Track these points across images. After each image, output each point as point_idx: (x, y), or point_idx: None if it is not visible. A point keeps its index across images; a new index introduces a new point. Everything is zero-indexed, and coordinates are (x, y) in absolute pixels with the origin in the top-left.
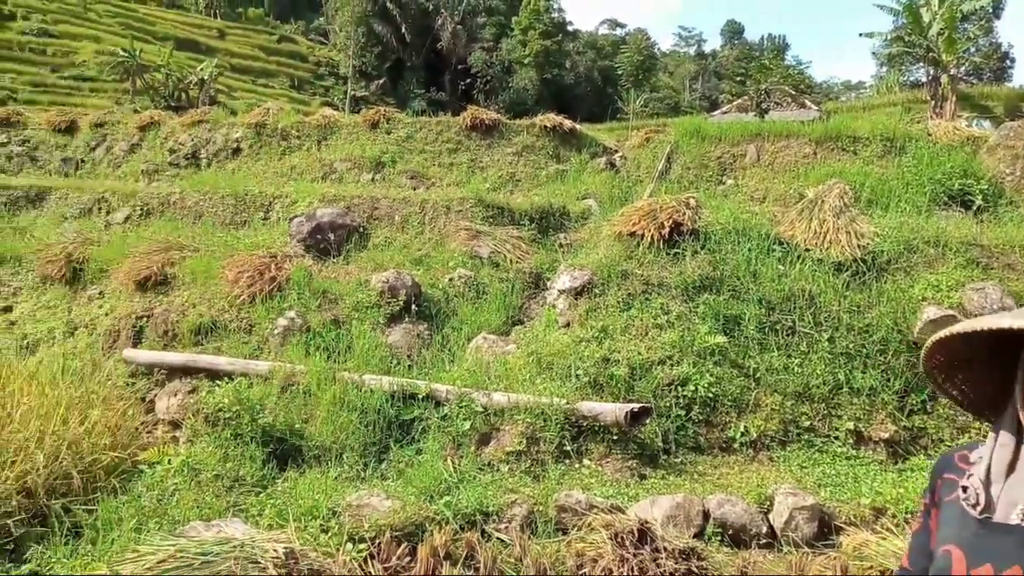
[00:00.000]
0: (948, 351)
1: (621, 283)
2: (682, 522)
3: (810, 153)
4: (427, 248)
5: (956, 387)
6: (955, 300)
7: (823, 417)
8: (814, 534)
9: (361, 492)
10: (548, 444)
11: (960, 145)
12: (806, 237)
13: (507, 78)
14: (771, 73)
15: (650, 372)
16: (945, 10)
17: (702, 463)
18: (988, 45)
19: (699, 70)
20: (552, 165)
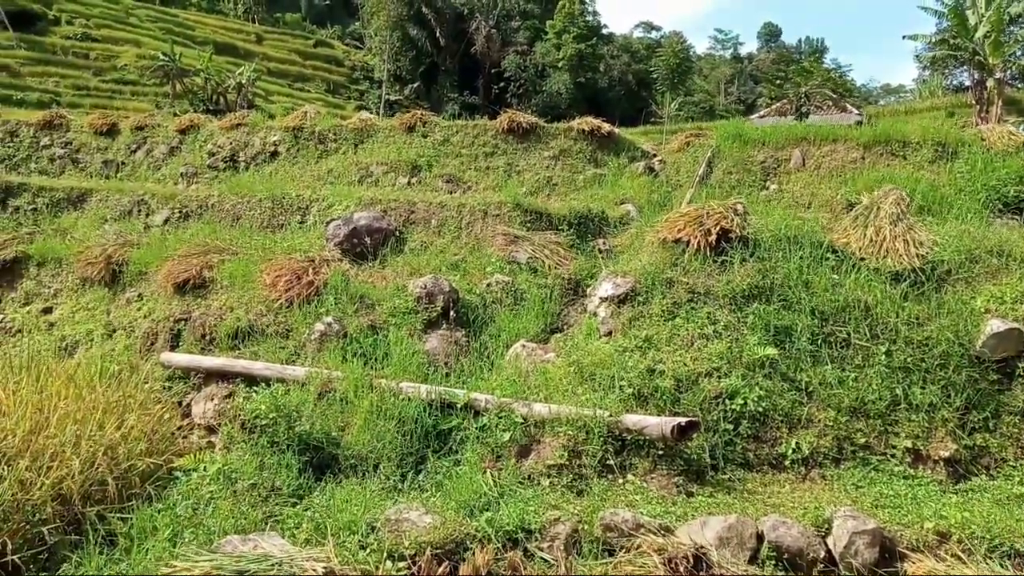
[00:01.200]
0: None
1: (666, 291)
2: (735, 545)
3: (857, 158)
4: (464, 253)
5: None
6: (1020, 313)
7: (879, 434)
8: (875, 560)
9: (400, 506)
10: (591, 458)
11: (1016, 151)
12: (861, 245)
13: (540, 82)
14: (811, 76)
15: (696, 384)
16: (992, 12)
17: (751, 480)
18: None
19: (735, 73)
20: (590, 169)
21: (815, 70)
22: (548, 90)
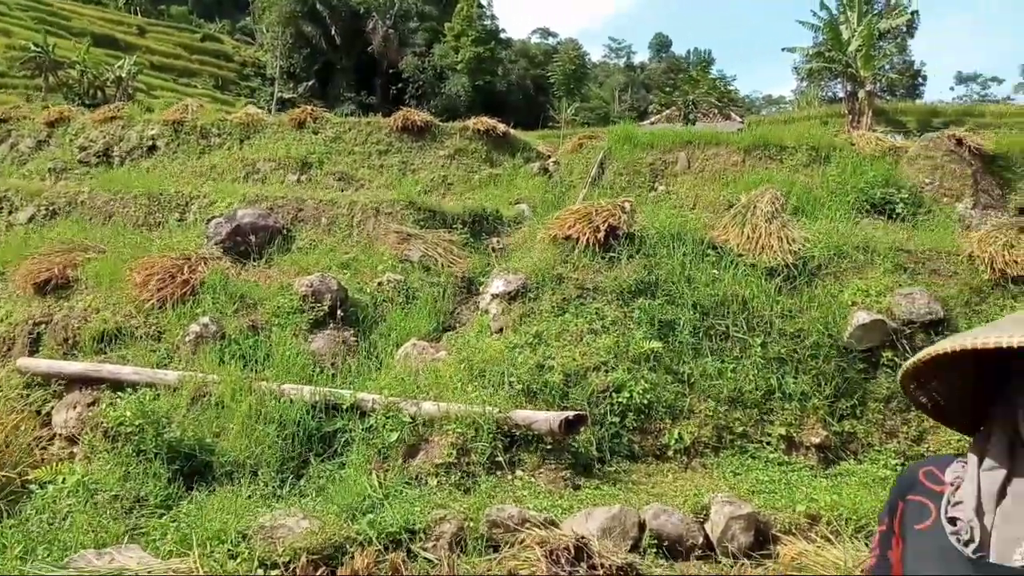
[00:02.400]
0: (932, 360)
1: (556, 287)
2: (618, 535)
3: (739, 161)
4: (355, 252)
5: (927, 394)
6: (884, 305)
7: (755, 423)
8: (751, 544)
9: (276, 512)
10: (480, 455)
11: (882, 155)
12: (739, 242)
13: (439, 84)
14: (698, 85)
15: (585, 379)
16: (863, 27)
17: (636, 471)
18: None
19: (628, 81)
20: (485, 169)
21: (702, 79)
22: (447, 92)
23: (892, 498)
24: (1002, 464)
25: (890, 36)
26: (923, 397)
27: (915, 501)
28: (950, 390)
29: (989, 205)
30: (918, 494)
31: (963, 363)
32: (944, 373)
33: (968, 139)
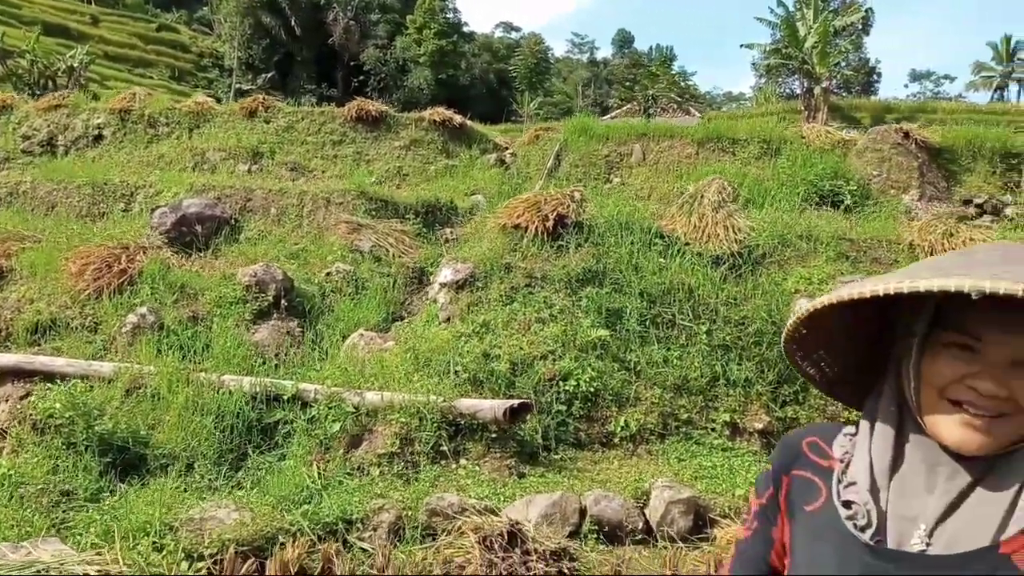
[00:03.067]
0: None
1: (504, 276)
2: (558, 521)
3: (692, 153)
4: (305, 242)
5: (814, 364)
6: (825, 292)
7: (700, 409)
8: (689, 528)
9: (206, 504)
10: (423, 444)
11: (831, 148)
12: (686, 231)
13: (401, 77)
14: (658, 80)
15: (532, 367)
16: (819, 24)
17: (582, 459)
18: (857, 60)
19: (591, 77)
20: (441, 160)
21: (662, 74)
22: (409, 85)
23: (775, 470)
24: (892, 436)
25: (845, 33)
26: (810, 368)
27: (801, 477)
28: (835, 358)
29: (935, 197)
30: (804, 469)
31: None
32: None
33: (915, 132)
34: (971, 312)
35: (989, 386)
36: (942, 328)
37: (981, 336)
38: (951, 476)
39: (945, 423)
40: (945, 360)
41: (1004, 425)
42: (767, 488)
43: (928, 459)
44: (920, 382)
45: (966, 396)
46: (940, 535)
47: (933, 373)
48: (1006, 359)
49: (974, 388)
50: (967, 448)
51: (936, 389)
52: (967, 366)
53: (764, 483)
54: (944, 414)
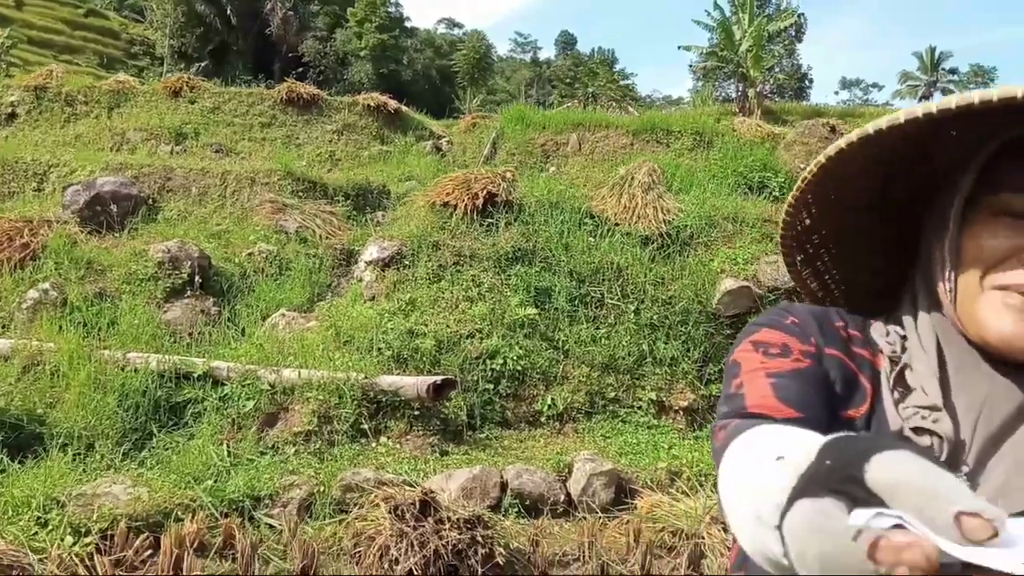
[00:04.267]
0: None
1: (432, 254)
2: (478, 495)
3: (627, 144)
4: (227, 223)
5: (817, 275)
6: (750, 272)
7: (627, 388)
8: (611, 500)
9: (100, 480)
10: (342, 422)
11: (761, 141)
12: (616, 211)
13: (342, 70)
14: (598, 77)
15: (458, 345)
16: (754, 29)
17: (508, 437)
18: (791, 66)
19: (534, 77)
20: (375, 146)
21: (602, 72)
22: (350, 79)
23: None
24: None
25: (779, 39)
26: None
27: (837, 360)
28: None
29: None
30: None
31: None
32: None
33: (841, 127)
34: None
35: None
36: (992, 191)
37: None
38: (996, 394)
39: (992, 313)
40: (996, 231)
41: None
42: (807, 342)
43: (966, 373)
44: (959, 263)
45: (1020, 278)
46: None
47: (978, 248)
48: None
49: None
50: (1020, 344)
51: (980, 270)
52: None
53: (801, 334)
54: (990, 302)
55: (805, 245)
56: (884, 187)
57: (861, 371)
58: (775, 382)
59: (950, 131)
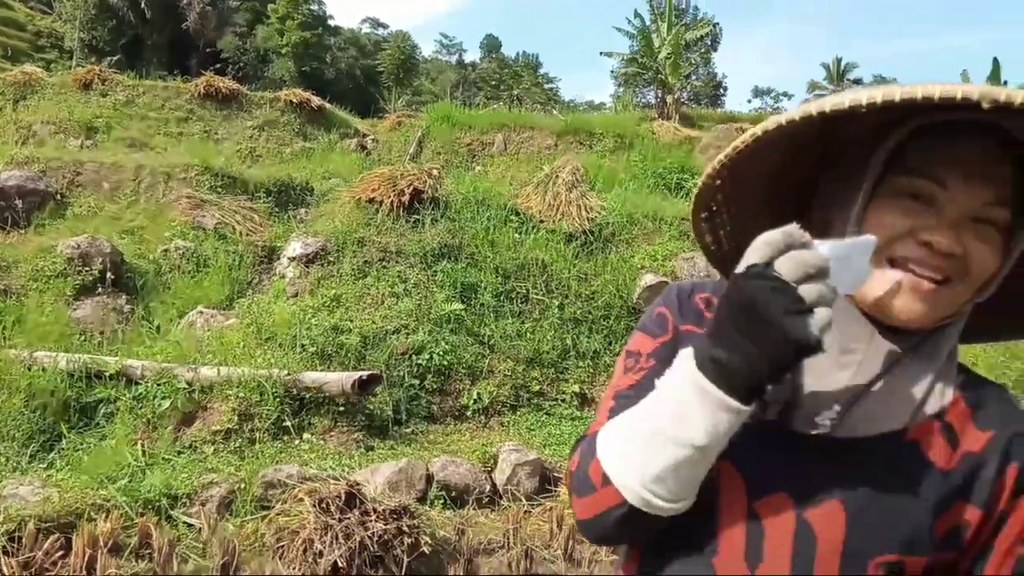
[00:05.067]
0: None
1: (357, 250)
2: (404, 488)
3: (552, 144)
4: (142, 219)
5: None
6: (668, 268)
7: (552, 381)
8: (536, 488)
9: (6, 482)
10: (264, 420)
11: (679, 144)
12: (541, 209)
13: (262, 67)
14: (523, 81)
15: (384, 341)
16: (672, 37)
17: (434, 432)
18: (706, 74)
19: (460, 79)
20: (298, 143)
21: (527, 75)
22: (271, 76)
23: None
24: None
25: (696, 48)
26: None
27: (695, 335)
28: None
29: None
30: (699, 325)
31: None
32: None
33: (747, 128)
34: (936, 154)
35: (945, 240)
36: (898, 173)
37: (946, 181)
38: (871, 352)
39: (885, 287)
40: (894, 210)
41: (947, 293)
42: (664, 333)
43: (849, 332)
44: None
45: (915, 253)
46: (852, 417)
47: (880, 224)
48: (967, 212)
49: (927, 243)
50: (906, 316)
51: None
52: (921, 217)
53: (658, 324)
54: (884, 277)
55: (710, 203)
56: (795, 158)
57: None
58: (614, 405)
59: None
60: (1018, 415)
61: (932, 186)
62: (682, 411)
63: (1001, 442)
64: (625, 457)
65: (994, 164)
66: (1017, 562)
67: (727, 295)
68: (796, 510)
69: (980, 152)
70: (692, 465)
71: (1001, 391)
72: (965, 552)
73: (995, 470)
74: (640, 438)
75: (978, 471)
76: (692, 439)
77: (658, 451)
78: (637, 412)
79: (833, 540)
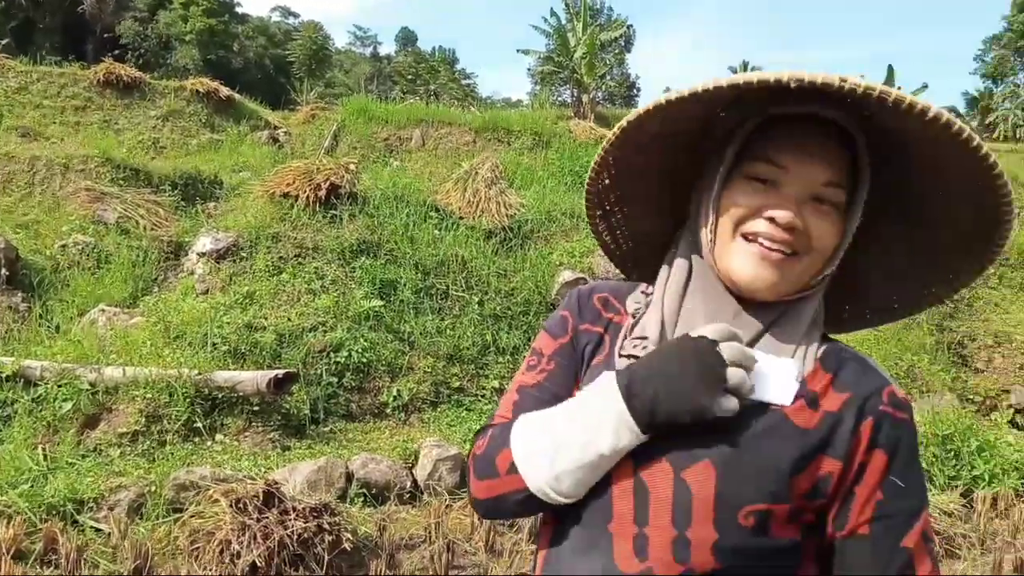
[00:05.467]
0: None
1: (272, 246)
2: (323, 486)
3: (470, 141)
4: (37, 213)
5: (611, 230)
6: (586, 265)
7: (472, 377)
8: (457, 483)
9: None
10: (174, 421)
11: (595, 143)
12: (461, 206)
13: (165, 54)
14: (440, 76)
15: (300, 339)
16: (587, 37)
17: (353, 430)
18: (620, 74)
19: (375, 72)
20: (205, 134)
21: (443, 70)
22: (174, 64)
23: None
24: (681, 288)
25: (610, 48)
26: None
27: (591, 332)
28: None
29: None
30: (595, 323)
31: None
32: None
33: None
34: (779, 140)
35: (786, 214)
36: (746, 159)
37: (785, 164)
38: (738, 326)
39: (739, 258)
40: (745, 191)
41: (795, 264)
42: (565, 334)
43: (714, 307)
44: (718, 217)
45: (763, 228)
46: None
47: (732, 205)
48: (805, 190)
49: (772, 218)
50: (758, 285)
51: (733, 223)
52: (766, 197)
53: (559, 327)
54: (738, 250)
55: (605, 201)
56: (676, 158)
57: (607, 331)
58: (517, 399)
59: (719, 112)
60: (872, 378)
61: (775, 170)
62: (596, 424)
63: (857, 402)
64: (535, 453)
65: (830, 151)
66: (876, 506)
67: (670, 345)
68: (674, 473)
69: (818, 140)
70: (592, 469)
71: (858, 357)
72: (832, 498)
73: (851, 426)
74: (553, 439)
75: (837, 427)
76: (599, 449)
77: (566, 453)
78: (556, 415)
79: (706, 494)
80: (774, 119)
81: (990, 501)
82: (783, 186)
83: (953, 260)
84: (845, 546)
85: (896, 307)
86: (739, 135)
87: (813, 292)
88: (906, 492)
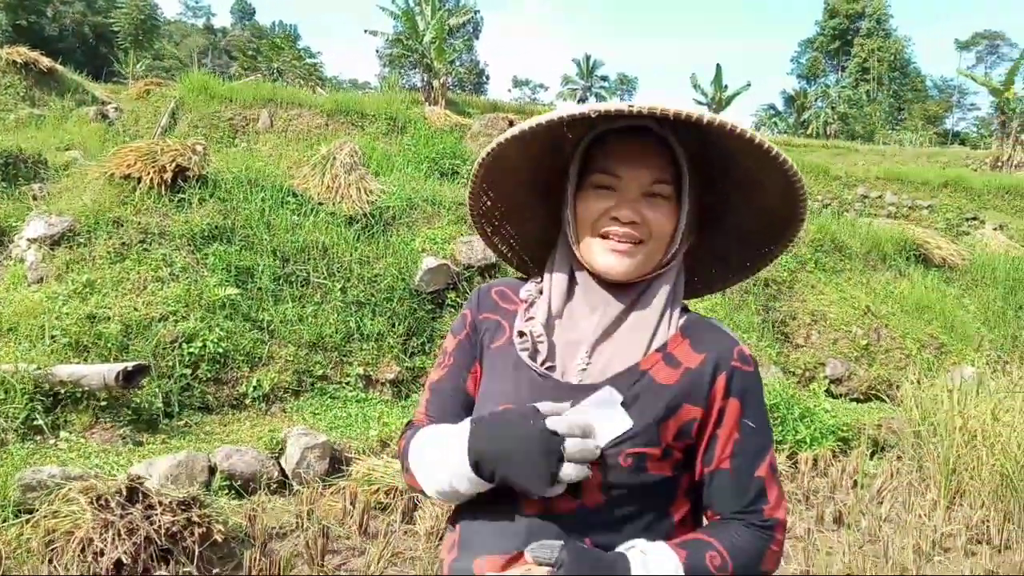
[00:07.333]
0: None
1: (113, 232)
2: (185, 480)
3: (322, 124)
4: None
5: (504, 240)
6: (448, 252)
7: (336, 364)
8: (326, 470)
9: None
10: (11, 420)
11: (450, 131)
12: (319, 191)
13: None
14: (283, 53)
15: (149, 329)
16: (436, 21)
17: (210, 423)
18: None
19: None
20: (24, 108)
21: (287, 47)
22: None
23: (469, 314)
24: (565, 277)
25: (459, 34)
26: (501, 244)
27: (490, 320)
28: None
29: None
30: (493, 312)
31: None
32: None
33: (517, 121)
34: (611, 153)
35: (626, 212)
36: (590, 171)
37: (618, 172)
38: (606, 305)
39: (596, 253)
40: (592, 198)
41: (642, 249)
42: (463, 329)
43: (589, 292)
44: (576, 222)
45: (612, 226)
46: (598, 358)
47: (584, 211)
48: (638, 190)
49: (616, 218)
50: (615, 272)
51: (588, 225)
52: (609, 201)
53: (460, 324)
54: (595, 246)
55: (492, 219)
56: (536, 172)
57: (504, 319)
58: (428, 398)
59: (566, 132)
60: (724, 339)
61: (612, 178)
62: (445, 462)
63: (713, 358)
64: (420, 469)
65: (654, 155)
66: (734, 444)
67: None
68: None
69: (641, 148)
70: (454, 495)
71: (712, 323)
72: (697, 439)
73: (709, 379)
74: (425, 464)
75: (697, 380)
76: (458, 490)
77: (432, 477)
78: (428, 443)
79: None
80: (607, 132)
81: (811, 462)
82: (620, 190)
83: (766, 238)
84: (712, 478)
85: (730, 276)
86: (578, 155)
87: (667, 270)
88: (756, 431)
